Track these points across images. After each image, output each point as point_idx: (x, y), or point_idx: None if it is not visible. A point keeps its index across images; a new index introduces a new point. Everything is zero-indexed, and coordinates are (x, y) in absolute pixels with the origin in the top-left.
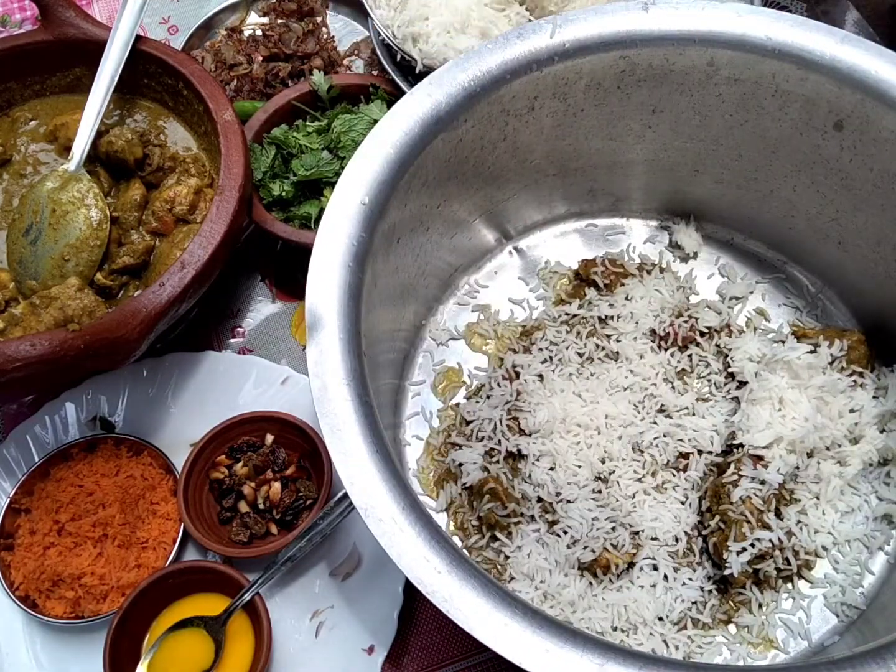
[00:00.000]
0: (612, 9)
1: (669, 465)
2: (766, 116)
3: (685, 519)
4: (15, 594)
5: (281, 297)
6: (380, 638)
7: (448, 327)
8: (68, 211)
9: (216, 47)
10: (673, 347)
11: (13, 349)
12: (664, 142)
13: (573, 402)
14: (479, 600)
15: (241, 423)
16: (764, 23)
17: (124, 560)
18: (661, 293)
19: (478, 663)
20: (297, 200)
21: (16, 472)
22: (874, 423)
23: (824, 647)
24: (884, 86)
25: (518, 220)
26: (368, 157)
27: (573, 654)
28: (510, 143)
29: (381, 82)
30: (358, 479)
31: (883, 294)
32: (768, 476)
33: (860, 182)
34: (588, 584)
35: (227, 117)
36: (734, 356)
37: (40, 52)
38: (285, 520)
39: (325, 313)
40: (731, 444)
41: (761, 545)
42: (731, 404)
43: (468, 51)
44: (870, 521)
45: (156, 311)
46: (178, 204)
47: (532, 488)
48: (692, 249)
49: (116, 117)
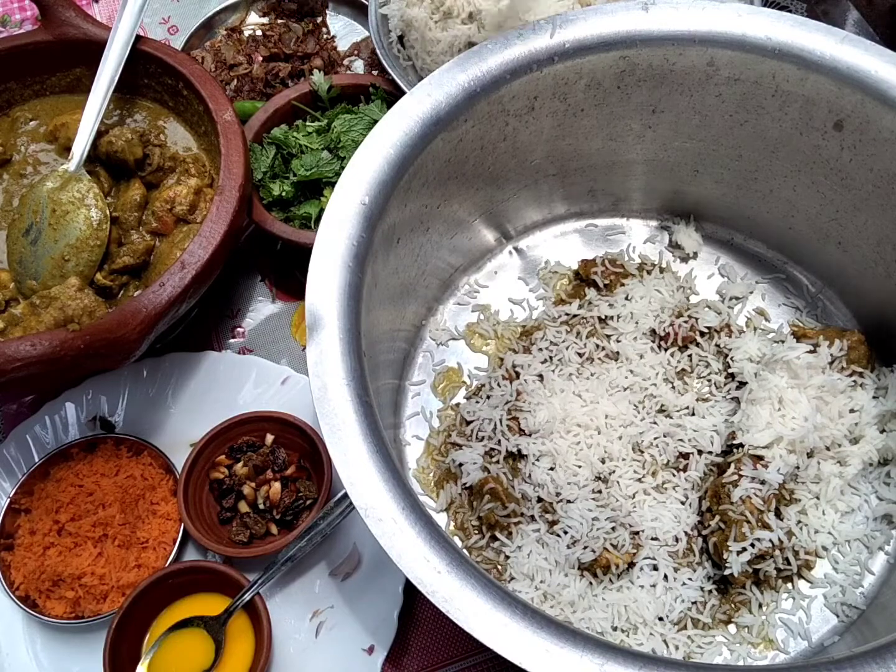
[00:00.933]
0: (612, 9)
1: (669, 465)
2: (766, 116)
3: (685, 519)
4: (15, 594)
5: (281, 297)
6: (380, 638)
7: (448, 327)
8: (68, 211)
9: (216, 47)
10: (673, 347)
11: (13, 349)
12: (664, 142)
13: (573, 402)
14: (479, 600)
15: (241, 423)
16: (764, 23)
17: (124, 560)
18: (661, 293)
19: (478, 663)
20: (297, 200)
21: (16, 472)
22: (874, 423)
23: (824, 647)
24: (884, 86)
25: (518, 220)
26: (368, 157)
27: (573, 655)
28: (510, 143)
29: (381, 82)
30: (358, 479)
31: (883, 294)
32: (768, 476)
33: (860, 182)
34: (588, 584)
35: (227, 117)
36: (734, 356)
37: (40, 52)
38: (285, 520)
39: (325, 313)
40: (731, 444)
41: (761, 545)
42: (731, 404)
43: (468, 51)
44: (870, 521)
45: (156, 311)
46: (178, 204)
47: (532, 488)
48: (692, 249)
49: (116, 117)
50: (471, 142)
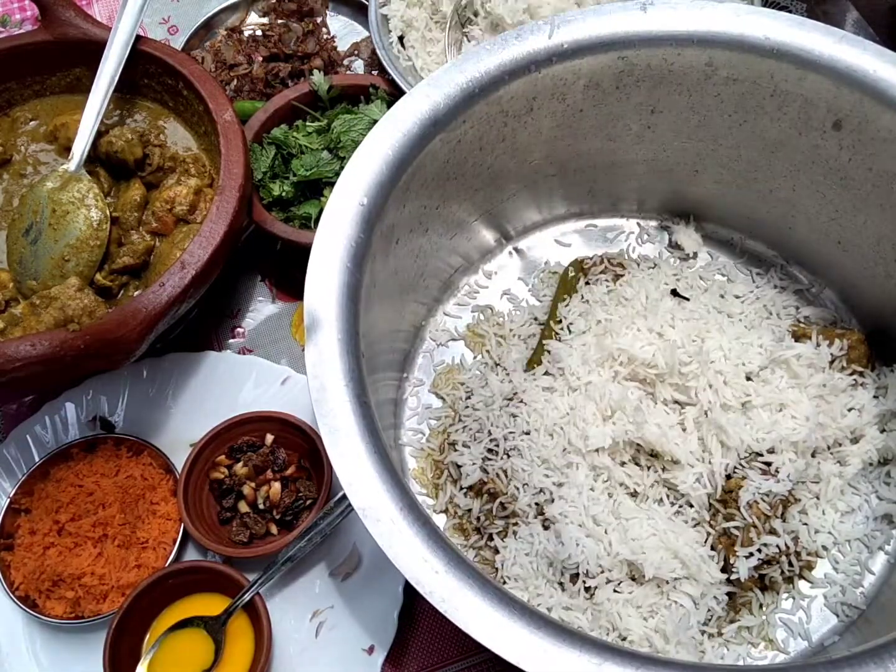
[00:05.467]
0: (610, 9)
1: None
2: (764, 116)
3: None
4: (15, 594)
5: (281, 297)
6: (380, 638)
7: (448, 328)
8: (68, 211)
9: (216, 47)
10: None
11: (13, 349)
12: (663, 142)
13: (574, 403)
14: (477, 600)
15: (241, 423)
16: (762, 23)
17: (124, 560)
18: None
19: (478, 663)
20: (297, 200)
21: (16, 472)
22: (874, 422)
23: (824, 647)
24: (882, 85)
25: (517, 220)
26: (367, 158)
27: (571, 654)
28: (509, 144)
29: (381, 82)
30: (356, 479)
31: (883, 294)
32: (776, 487)
33: (859, 182)
34: (584, 589)
35: (227, 117)
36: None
37: (40, 52)
38: (285, 520)
39: (323, 314)
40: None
41: (768, 550)
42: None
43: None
44: (870, 520)
45: (156, 311)
46: (178, 204)
47: (531, 489)
48: (692, 249)
49: (116, 117)
50: (469, 142)
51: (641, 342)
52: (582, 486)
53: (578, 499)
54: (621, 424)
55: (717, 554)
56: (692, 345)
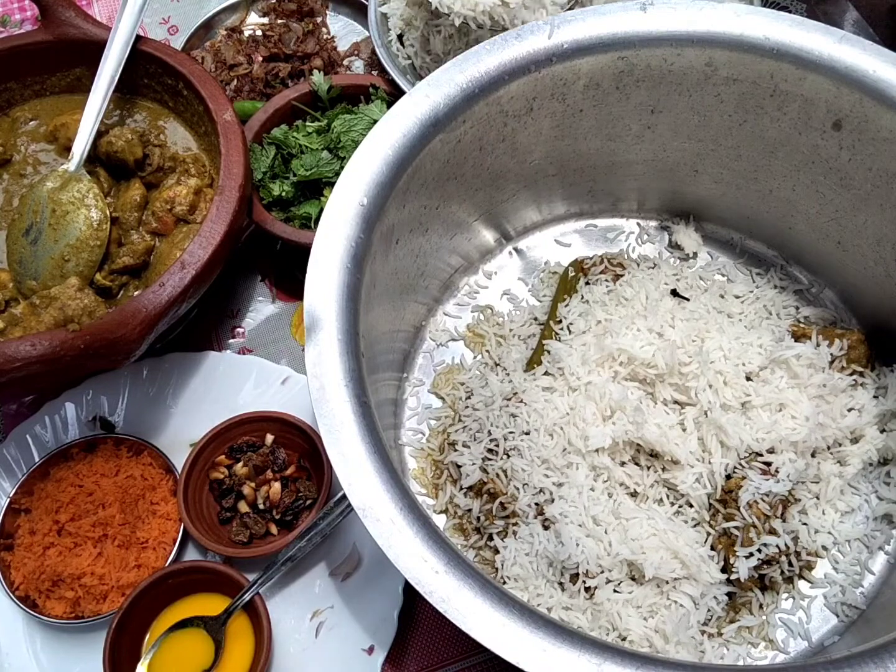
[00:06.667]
0: (610, 9)
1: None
2: (764, 116)
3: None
4: (15, 594)
5: (281, 297)
6: (380, 638)
7: (448, 328)
8: (68, 211)
9: (216, 47)
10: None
11: (13, 349)
12: (663, 142)
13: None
14: (477, 600)
15: (241, 423)
16: (762, 23)
17: (124, 560)
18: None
19: (477, 663)
20: (297, 200)
21: (16, 472)
22: (874, 422)
23: (824, 647)
24: (882, 85)
25: (517, 220)
26: (367, 158)
27: (571, 654)
28: (509, 144)
29: (381, 82)
30: (356, 479)
31: (883, 294)
32: (776, 487)
33: (859, 182)
34: (584, 589)
35: (227, 117)
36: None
37: (40, 52)
38: (285, 520)
39: (323, 314)
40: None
41: (768, 550)
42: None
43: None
44: (870, 520)
45: (156, 311)
46: (178, 204)
47: (531, 489)
48: (692, 249)
49: (116, 117)
50: (469, 143)
51: (641, 342)
52: (582, 486)
53: (578, 499)
54: (621, 424)
55: (717, 554)
56: (692, 345)
